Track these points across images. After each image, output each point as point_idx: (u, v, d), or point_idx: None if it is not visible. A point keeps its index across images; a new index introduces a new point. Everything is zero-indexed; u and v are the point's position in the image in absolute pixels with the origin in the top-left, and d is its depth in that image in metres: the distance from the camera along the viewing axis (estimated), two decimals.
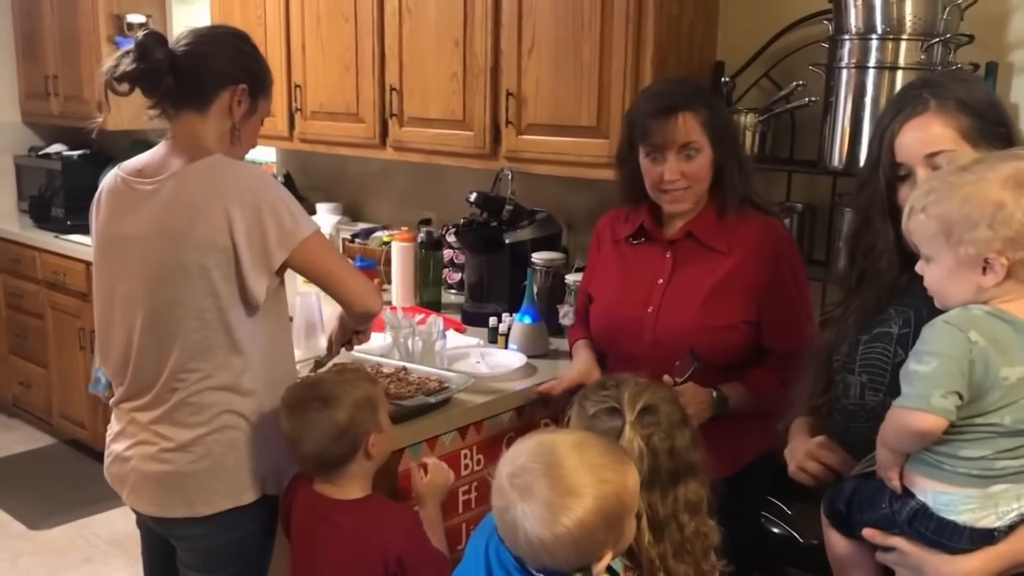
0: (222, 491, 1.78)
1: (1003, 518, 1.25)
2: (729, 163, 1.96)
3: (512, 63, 2.71)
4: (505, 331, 2.59)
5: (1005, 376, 1.21)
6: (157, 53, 1.75)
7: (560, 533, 1.19)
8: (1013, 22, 2.22)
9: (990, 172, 1.24)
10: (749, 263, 1.95)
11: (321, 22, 3.22)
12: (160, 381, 1.77)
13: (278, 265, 1.75)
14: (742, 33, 2.59)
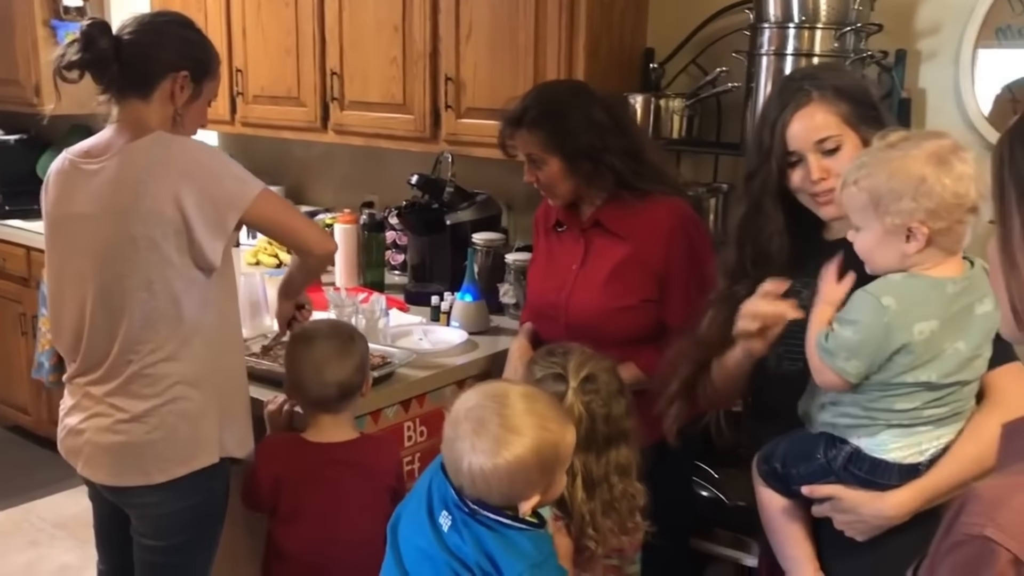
0: (176, 458, 1.85)
1: (924, 454, 1.40)
2: (603, 160, 2.04)
3: (450, 48, 2.79)
4: (447, 309, 2.68)
5: (920, 331, 1.34)
6: (102, 42, 1.80)
7: (500, 465, 1.30)
8: (920, 12, 2.36)
9: (914, 149, 1.35)
10: (646, 245, 2.05)
11: (262, 7, 3.26)
12: (112, 354, 1.83)
13: (233, 225, 1.83)
14: (670, 21, 2.70)
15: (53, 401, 3.92)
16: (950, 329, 1.36)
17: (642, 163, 2.07)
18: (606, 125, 2.04)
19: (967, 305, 1.37)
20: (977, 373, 1.41)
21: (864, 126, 1.52)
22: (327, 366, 1.89)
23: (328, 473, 1.92)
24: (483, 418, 1.33)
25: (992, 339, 1.39)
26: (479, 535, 1.34)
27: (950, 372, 1.37)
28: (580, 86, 2.22)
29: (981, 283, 1.37)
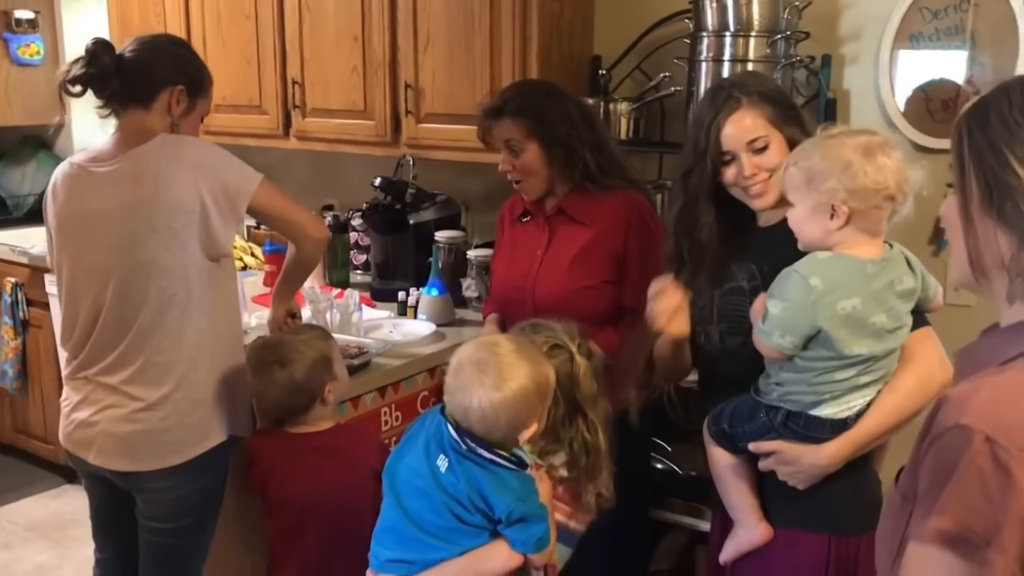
0: (189, 441, 1.98)
1: (852, 410, 1.60)
2: (576, 149, 2.23)
3: (409, 57, 2.95)
4: (414, 304, 2.85)
5: (843, 308, 1.53)
6: (104, 59, 1.96)
7: (507, 395, 1.47)
8: (842, 20, 2.59)
9: (848, 139, 1.56)
10: (607, 231, 2.24)
11: (222, 19, 3.37)
12: (125, 342, 1.95)
13: (244, 211, 1.99)
14: (615, 30, 2.90)
15: (16, 409, 3.99)
16: (872, 305, 1.55)
17: (606, 157, 2.26)
18: (578, 119, 2.23)
19: (887, 283, 1.57)
20: (901, 341, 1.61)
21: (787, 126, 1.72)
22: (264, 395, 2.03)
23: (311, 461, 2.04)
24: (484, 360, 1.51)
25: (910, 310, 1.60)
26: (472, 473, 1.51)
27: (877, 343, 1.57)
28: (553, 84, 2.40)
29: (898, 264, 1.58)
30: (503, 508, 1.51)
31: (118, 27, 3.72)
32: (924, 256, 2.48)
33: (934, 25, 2.47)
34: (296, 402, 2.03)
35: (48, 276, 3.67)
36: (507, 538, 1.54)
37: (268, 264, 3.28)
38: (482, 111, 2.30)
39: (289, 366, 2.00)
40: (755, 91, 1.74)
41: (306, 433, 2.05)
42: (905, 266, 1.59)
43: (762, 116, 1.72)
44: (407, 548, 1.57)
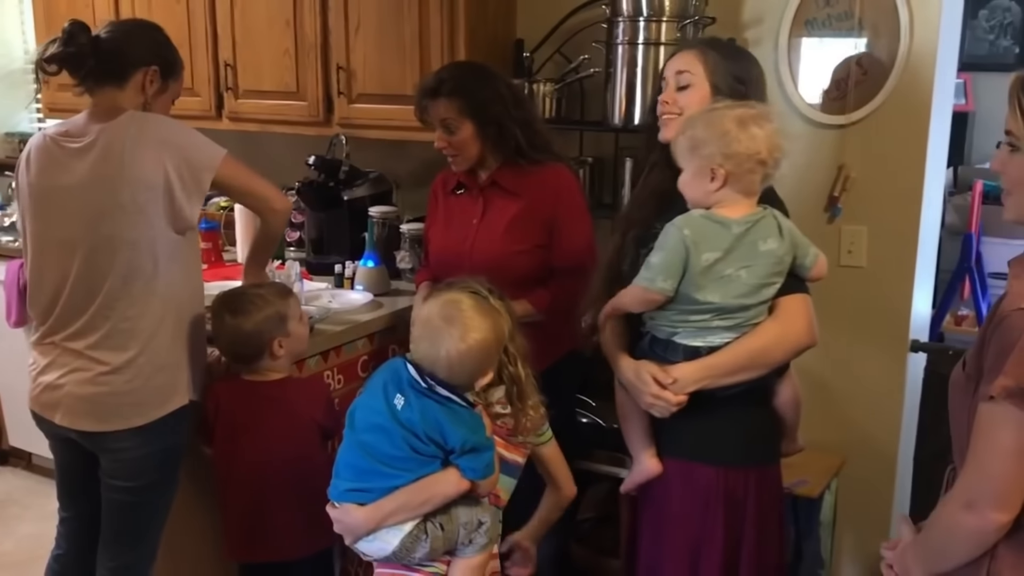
0: (152, 403, 2.09)
1: (707, 344, 1.82)
2: (507, 127, 2.41)
3: (340, 40, 3.08)
4: (350, 275, 2.98)
5: (706, 259, 1.76)
6: (81, 38, 2.06)
7: (472, 345, 1.67)
8: (745, 6, 2.82)
9: (727, 111, 1.78)
10: (537, 201, 2.44)
11: (152, 4, 3.43)
12: (91, 310, 2.05)
13: (208, 185, 2.09)
14: (537, 15, 3.08)
15: None
16: (733, 259, 1.77)
17: (535, 133, 2.46)
18: (508, 97, 2.42)
19: (751, 242, 1.78)
20: (762, 298, 1.81)
21: (724, 87, 1.89)
22: (217, 338, 2.18)
23: (256, 406, 2.19)
24: (451, 315, 1.70)
25: (783, 272, 1.80)
26: (428, 408, 1.69)
27: (735, 295, 1.78)
28: (485, 65, 2.56)
29: (766, 227, 1.79)
30: (458, 439, 1.69)
31: (43, 11, 3.73)
32: (819, 223, 2.76)
33: (827, 12, 2.72)
34: (243, 351, 2.17)
35: None
36: (458, 467, 1.72)
37: (204, 242, 3.36)
38: (418, 91, 2.46)
39: (240, 316, 2.14)
40: (710, 44, 1.95)
41: (257, 381, 2.19)
42: (774, 229, 1.79)
43: (700, 61, 1.92)
44: (364, 479, 1.73)
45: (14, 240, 3.62)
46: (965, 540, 1.36)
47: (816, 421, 2.87)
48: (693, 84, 1.92)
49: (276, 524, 2.21)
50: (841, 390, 2.86)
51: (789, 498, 2.65)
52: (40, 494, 3.66)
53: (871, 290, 2.77)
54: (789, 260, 1.82)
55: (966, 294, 4.39)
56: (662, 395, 1.83)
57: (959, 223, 4.76)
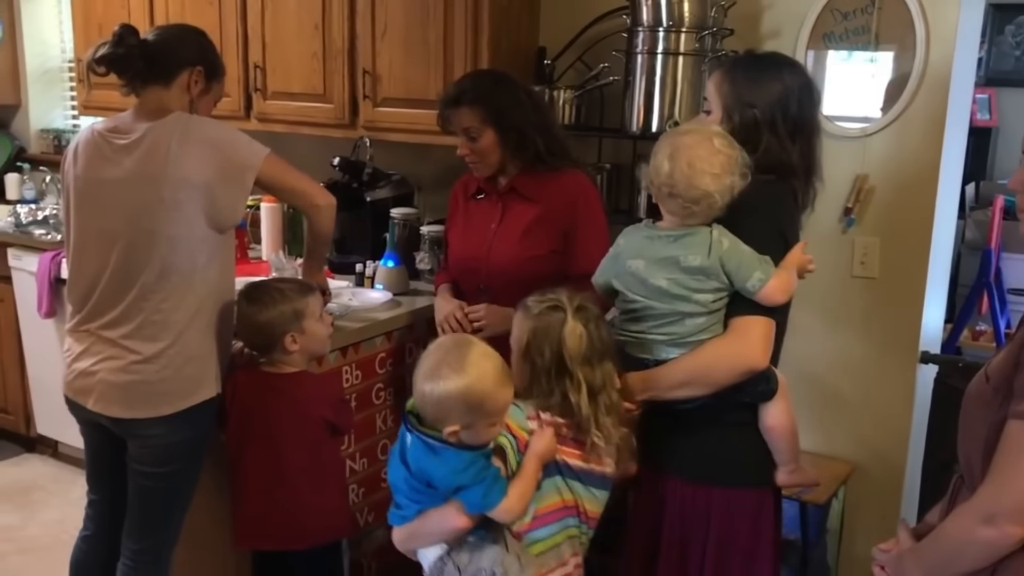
0: (181, 393, 2.16)
1: (654, 356, 1.88)
2: (527, 134, 2.45)
3: (367, 45, 3.15)
4: (371, 274, 3.05)
5: (631, 266, 1.88)
6: (130, 40, 2.16)
7: (431, 392, 1.64)
8: (764, 19, 2.87)
9: (667, 139, 1.87)
10: (554, 207, 2.48)
11: (186, 7, 3.52)
12: (127, 301, 2.12)
13: (251, 184, 2.15)
14: (559, 24, 3.14)
15: None
16: (654, 269, 1.85)
17: (553, 140, 2.50)
18: (529, 105, 2.47)
19: (671, 256, 1.84)
20: (690, 309, 1.84)
21: (734, 112, 1.92)
22: (250, 320, 2.22)
23: (266, 396, 2.25)
24: (441, 358, 1.66)
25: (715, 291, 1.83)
26: (417, 448, 1.69)
27: (657, 299, 1.86)
28: (505, 73, 2.61)
29: (693, 243, 1.83)
30: (439, 480, 1.68)
31: (81, 12, 3.84)
32: (833, 233, 2.80)
33: (844, 25, 2.76)
34: (257, 340, 2.24)
35: (11, 250, 3.80)
36: (459, 501, 1.70)
37: None
38: (441, 101, 2.52)
39: (255, 306, 2.20)
40: (732, 74, 1.97)
41: (271, 372, 2.25)
42: (702, 247, 1.82)
43: (716, 89, 1.97)
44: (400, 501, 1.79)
45: (46, 233, 3.72)
46: (979, 552, 1.37)
47: (825, 429, 2.92)
48: (712, 109, 1.99)
49: (280, 514, 2.26)
50: (851, 399, 2.89)
51: (796, 505, 2.70)
52: (65, 481, 3.76)
53: (883, 301, 2.81)
54: (716, 280, 1.82)
55: (984, 309, 4.40)
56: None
57: (979, 238, 4.77)
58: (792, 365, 2.02)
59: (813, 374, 2.91)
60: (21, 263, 3.75)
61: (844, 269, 2.84)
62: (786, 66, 2.00)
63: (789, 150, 1.91)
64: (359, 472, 2.77)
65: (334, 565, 2.43)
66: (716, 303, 1.84)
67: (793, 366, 2.39)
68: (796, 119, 1.93)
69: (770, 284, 1.80)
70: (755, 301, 1.81)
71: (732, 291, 1.83)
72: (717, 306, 1.84)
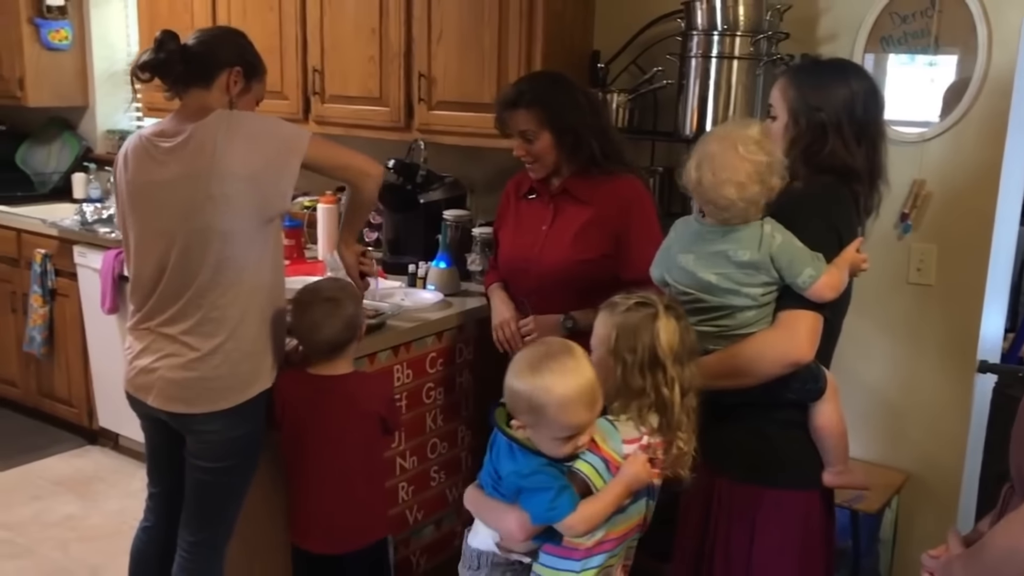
0: (238, 388, 2.21)
1: (704, 347, 1.86)
2: (583, 136, 2.46)
3: (423, 49, 3.19)
4: (423, 275, 3.09)
5: (681, 260, 1.90)
6: (170, 45, 2.21)
7: (511, 384, 1.69)
8: (820, 23, 2.84)
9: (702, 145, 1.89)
10: (607, 210, 2.47)
11: (247, 11, 3.61)
12: (185, 298, 2.17)
13: (297, 169, 2.19)
14: (613, 28, 3.15)
15: (42, 373, 4.23)
16: (703, 263, 1.86)
17: (609, 143, 2.50)
18: (585, 107, 2.47)
19: (721, 251, 1.85)
20: (740, 302, 1.84)
21: (801, 117, 1.92)
22: (317, 328, 2.24)
23: (321, 400, 2.29)
24: (531, 355, 1.69)
25: (763, 284, 1.83)
26: (498, 441, 1.75)
27: (707, 293, 1.86)
28: (563, 75, 2.61)
29: (744, 238, 1.83)
30: (504, 469, 1.72)
31: (147, 17, 3.95)
32: (889, 239, 2.76)
33: (903, 29, 2.72)
34: (345, 336, 2.26)
35: (77, 248, 3.92)
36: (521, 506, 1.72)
37: (287, 239, 3.51)
38: (498, 103, 2.53)
39: (341, 304, 2.25)
40: (797, 79, 1.98)
41: (322, 375, 2.29)
42: (752, 241, 1.83)
43: (781, 96, 1.99)
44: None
45: (110, 231, 3.83)
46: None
47: (878, 437, 2.88)
48: (777, 116, 1.99)
49: (341, 514, 2.31)
50: (905, 407, 2.85)
51: (847, 513, 2.67)
52: (125, 473, 3.86)
53: (939, 309, 2.76)
54: (766, 274, 1.83)
55: None
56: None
57: None
58: (846, 371, 2.01)
59: (867, 381, 2.88)
60: (86, 260, 3.87)
61: (900, 276, 2.80)
62: (851, 70, 2.03)
63: (854, 153, 1.92)
64: (408, 470, 2.80)
65: (384, 561, 2.47)
66: (766, 296, 1.85)
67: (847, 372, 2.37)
68: (862, 122, 1.94)
69: (821, 280, 1.81)
70: (802, 297, 1.83)
71: (782, 285, 1.84)
72: (767, 299, 1.86)
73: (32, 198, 4.63)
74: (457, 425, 2.97)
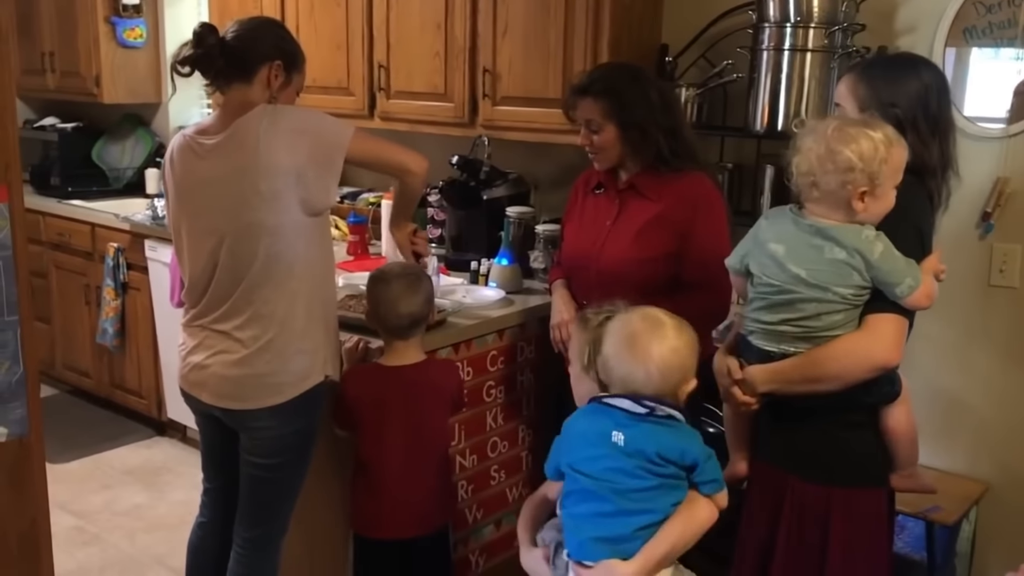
0: (290, 382, 2.20)
1: (780, 349, 1.83)
2: (650, 133, 2.39)
3: (488, 44, 3.16)
4: (485, 272, 3.06)
5: (771, 248, 1.82)
6: (210, 40, 2.20)
7: (681, 345, 1.65)
8: (899, 14, 2.73)
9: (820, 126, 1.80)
10: (673, 209, 2.40)
11: (315, 7, 3.63)
12: (236, 294, 2.17)
13: (341, 163, 2.18)
14: (682, 21, 3.08)
15: (114, 365, 4.32)
16: (794, 256, 1.79)
17: (679, 141, 2.42)
18: (656, 104, 2.39)
19: (816, 246, 1.77)
20: (828, 300, 1.77)
21: (876, 112, 1.84)
22: (400, 300, 2.26)
23: (404, 391, 2.30)
24: (656, 323, 1.67)
25: (856, 287, 1.76)
26: (652, 432, 1.62)
27: (793, 285, 1.78)
28: (639, 68, 2.54)
29: (840, 236, 1.75)
30: (696, 450, 1.64)
31: (218, 14, 3.99)
32: (970, 239, 2.65)
33: (987, 19, 2.60)
34: (425, 311, 2.31)
35: (148, 242, 3.99)
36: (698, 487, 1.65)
37: (352, 235, 3.54)
38: (569, 88, 2.50)
39: (424, 279, 2.34)
40: (866, 76, 1.92)
41: (398, 367, 2.29)
42: (849, 243, 1.75)
43: (851, 94, 1.92)
44: (610, 525, 1.64)
45: None
46: None
47: (955, 445, 2.77)
48: (843, 111, 1.94)
49: (409, 503, 2.33)
50: (985, 415, 2.73)
51: (922, 524, 2.56)
52: (192, 464, 3.90)
53: (1023, 312, 2.63)
54: (859, 278, 1.76)
55: None
56: (731, 389, 1.90)
57: None
58: (922, 376, 1.93)
59: (944, 386, 2.76)
60: (156, 254, 3.93)
61: (981, 278, 2.68)
62: (921, 63, 1.98)
63: (930, 149, 1.88)
64: (468, 469, 2.78)
65: (446, 547, 2.48)
66: (856, 298, 1.78)
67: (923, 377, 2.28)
68: (935, 116, 1.90)
69: (919, 290, 1.76)
70: (889, 298, 1.77)
71: (873, 289, 1.78)
72: (856, 302, 1.79)
73: (107, 193, 4.74)
74: (518, 424, 2.94)
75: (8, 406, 1.81)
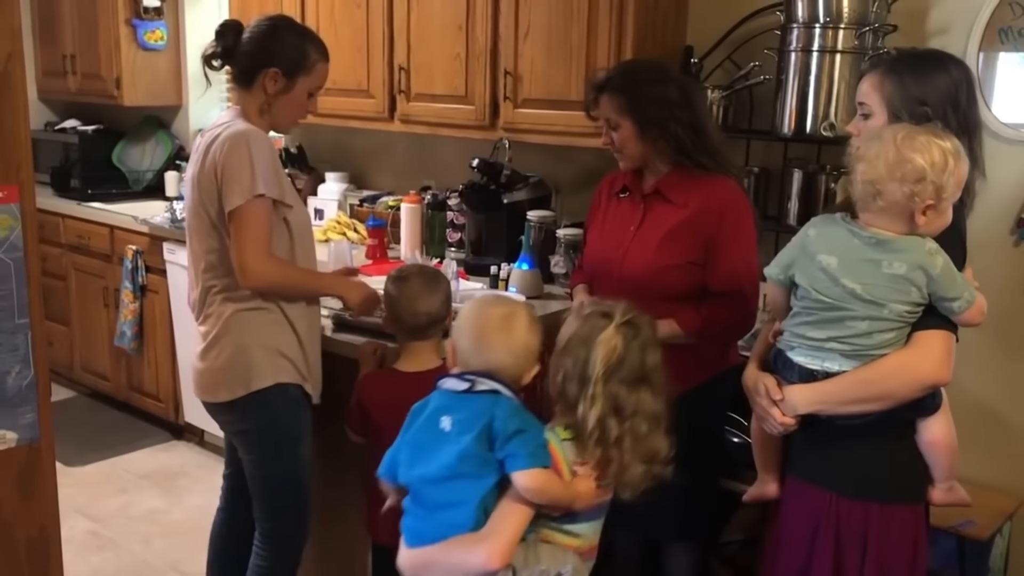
0: (237, 381, 2.24)
1: (823, 368, 1.75)
2: (669, 129, 2.31)
3: (509, 46, 3.12)
4: (505, 277, 3.02)
5: (822, 261, 1.73)
6: (228, 39, 2.24)
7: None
8: (931, 14, 2.66)
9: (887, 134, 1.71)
10: (699, 215, 2.32)
11: (335, 9, 3.60)
12: (197, 295, 2.29)
13: (222, 214, 2.17)
14: (708, 22, 3.02)
15: (132, 368, 4.30)
16: (848, 269, 1.71)
17: (703, 138, 2.34)
18: (676, 100, 2.31)
19: (872, 259, 1.70)
20: (877, 327, 1.70)
21: (904, 113, 1.79)
22: (418, 298, 2.22)
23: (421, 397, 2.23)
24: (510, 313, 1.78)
25: (910, 303, 1.69)
26: (474, 406, 1.68)
27: (846, 302, 1.71)
28: (661, 64, 2.48)
29: (901, 251, 1.68)
30: (501, 423, 1.64)
31: (239, 17, 3.97)
32: (1004, 246, 2.57)
33: None
34: (443, 312, 2.26)
35: (166, 244, 3.98)
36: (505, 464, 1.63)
37: (371, 238, 3.50)
38: (589, 84, 2.45)
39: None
40: (895, 73, 1.83)
41: (415, 372, 2.24)
42: (910, 256, 1.68)
43: (878, 92, 1.84)
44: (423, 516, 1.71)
45: None
46: None
47: (989, 458, 2.69)
48: (873, 113, 1.85)
49: None
50: (1019, 427, 2.65)
51: (954, 540, 2.49)
52: (209, 468, 3.89)
53: None
54: (917, 294, 1.69)
55: None
56: (770, 410, 1.81)
57: None
58: (954, 387, 1.86)
59: (977, 398, 2.68)
60: (175, 257, 3.91)
61: (1016, 286, 2.60)
62: (949, 59, 1.90)
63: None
64: None
65: None
66: (910, 315, 1.72)
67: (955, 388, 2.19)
68: (965, 113, 1.83)
69: (973, 308, 1.71)
70: (942, 317, 1.71)
71: (927, 305, 1.71)
72: (911, 319, 1.72)
73: (127, 195, 4.73)
74: None
75: (18, 411, 1.79)
